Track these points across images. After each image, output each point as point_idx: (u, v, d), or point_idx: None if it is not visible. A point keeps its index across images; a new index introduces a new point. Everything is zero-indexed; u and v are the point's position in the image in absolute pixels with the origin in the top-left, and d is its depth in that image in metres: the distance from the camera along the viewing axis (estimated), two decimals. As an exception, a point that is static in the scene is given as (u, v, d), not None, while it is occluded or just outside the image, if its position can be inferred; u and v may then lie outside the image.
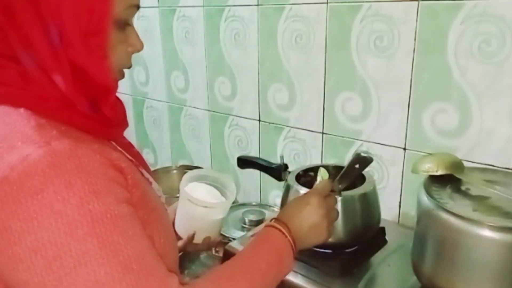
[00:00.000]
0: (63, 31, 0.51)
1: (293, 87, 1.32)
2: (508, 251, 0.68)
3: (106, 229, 0.48)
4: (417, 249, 0.83)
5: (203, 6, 1.47)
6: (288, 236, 0.69)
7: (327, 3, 1.18)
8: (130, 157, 0.66)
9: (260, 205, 1.45)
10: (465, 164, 0.86)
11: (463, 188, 0.80)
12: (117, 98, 0.64)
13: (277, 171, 1.05)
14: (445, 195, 0.77)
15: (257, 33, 1.36)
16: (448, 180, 0.81)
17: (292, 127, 1.36)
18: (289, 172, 1.04)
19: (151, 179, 0.69)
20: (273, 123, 1.41)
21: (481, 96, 0.99)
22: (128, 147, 0.70)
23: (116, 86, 0.60)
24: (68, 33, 0.51)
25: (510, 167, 0.98)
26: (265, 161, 1.09)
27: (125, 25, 0.58)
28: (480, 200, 0.76)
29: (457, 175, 0.81)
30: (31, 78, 0.52)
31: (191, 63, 1.59)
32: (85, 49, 0.52)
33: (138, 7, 0.59)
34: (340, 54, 1.19)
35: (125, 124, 0.67)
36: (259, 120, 1.44)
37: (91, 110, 0.56)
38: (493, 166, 0.99)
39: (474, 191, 0.79)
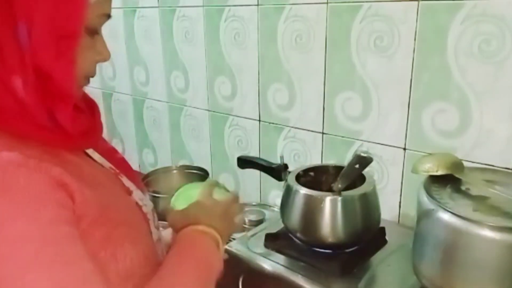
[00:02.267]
0: (34, 31, 0.49)
1: (293, 87, 1.32)
2: (508, 251, 0.68)
3: (41, 251, 0.46)
4: (417, 249, 0.83)
5: (203, 6, 1.47)
6: (213, 232, 0.67)
7: (327, 3, 1.18)
8: (109, 165, 0.65)
9: (260, 205, 1.45)
10: (465, 164, 0.86)
11: (463, 188, 0.80)
12: (84, 108, 0.61)
13: (277, 171, 1.05)
14: (445, 195, 0.77)
15: (257, 33, 1.36)
16: (448, 180, 0.81)
17: (292, 127, 1.36)
18: (289, 172, 1.04)
19: (132, 187, 0.67)
20: (273, 123, 1.41)
21: (481, 96, 0.99)
22: (110, 153, 0.68)
23: (77, 94, 0.59)
24: (40, 34, 0.50)
25: (510, 167, 0.98)
26: (265, 161, 1.09)
27: (94, 33, 0.57)
28: (480, 200, 0.76)
29: (457, 175, 0.81)
30: None
31: (191, 63, 1.59)
32: (55, 52, 0.51)
33: (109, 16, 0.58)
34: (340, 54, 1.19)
35: (97, 132, 0.64)
36: (259, 120, 1.44)
37: (48, 120, 0.54)
38: (493, 166, 0.99)
39: (474, 191, 0.79)
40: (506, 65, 0.94)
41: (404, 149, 1.13)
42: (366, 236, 0.98)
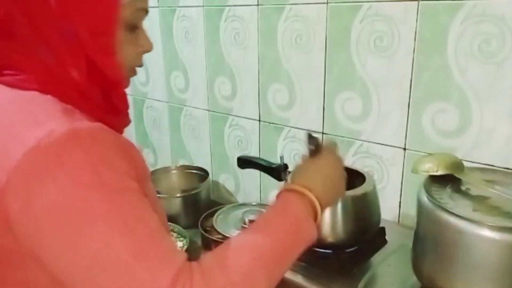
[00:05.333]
0: (78, 31, 0.57)
1: (293, 87, 1.32)
2: (508, 251, 0.68)
3: (116, 196, 0.52)
4: (417, 249, 0.83)
5: (203, 6, 1.47)
6: (310, 196, 0.66)
7: (327, 3, 1.18)
8: None
9: (260, 205, 1.45)
10: (465, 164, 0.85)
11: (463, 188, 0.80)
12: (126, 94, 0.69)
13: (277, 171, 1.05)
14: (445, 195, 0.77)
15: (257, 33, 1.36)
16: (448, 180, 0.81)
17: (292, 127, 1.36)
18: (289, 172, 1.04)
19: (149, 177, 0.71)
20: (273, 123, 1.41)
21: (481, 96, 0.99)
22: None
23: (126, 82, 0.67)
24: (83, 33, 0.57)
25: (510, 167, 0.98)
26: (265, 161, 1.09)
27: (134, 27, 0.63)
28: (480, 200, 0.76)
29: (457, 175, 0.81)
30: (52, 71, 0.58)
31: (191, 63, 1.59)
32: (97, 47, 0.58)
33: (146, 11, 0.64)
34: (340, 54, 1.19)
35: (128, 120, 0.71)
36: (259, 120, 1.44)
37: (103, 101, 0.63)
38: (493, 166, 0.99)
39: (474, 191, 0.79)
40: (506, 65, 0.94)
41: (404, 149, 1.13)
42: (366, 236, 0.98)
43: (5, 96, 0.57)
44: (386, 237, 1.05)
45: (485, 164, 1.00)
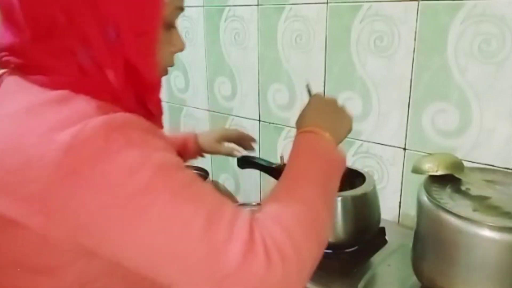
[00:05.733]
0: (120, 31, 0.56)
1: (293, 87, 1.32)
2: (508, 251, 0.68)
3: (169, 171, 0.52)
4: (417, 249, 0.83)
5: (203, 6, 1.47)
6: (324, 132, 0.69)
7: (327, 3, 1.18)
8: None
9: (260, 205, 1.45)
10: (465, 164, 0.85)
11: (463, 188, 0.80)
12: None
13: (277, 171, 1.05)
14: (445, 195, 0.77)
15: (257, 33, 1.36)
16: (448, 180, 0.81)
17: (292, 127, 1.36)
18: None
19: None
20: (273, 123, 1.41)
21: (481, 96, 0.99)
22: None
23: (161, 83, 0.65)
24: (125, 33, 0.56)
25: (510, 167, 0.98)
26: (265, 161, 1.09)
27: (170, 26, 0.63)
28: (480, 200, 0.76)
29: (457, 175, 0.81)
30: (86, 72, 0.57)
31: (191, 63, 1.59)
32: (138, 48, 0.57)
33: (182, 9, 0.64)
34: (340, 54, 1.19)
35: (161, 125, 0.69)
36: (259, 120, 1.44)
37: (136, 105, 0.61)
38: (493, 166, 0.99)
39: (474, 191, 0.79)
40: (506, 65, 0.94)
41: (404, 149, 1.13)
42: (366, 236, 0.98)
43: (36, 96, 0.54)
44: (386, 237, 1.05)
45: (485, 164, 1.00)
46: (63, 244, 0.52)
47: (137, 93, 0.60)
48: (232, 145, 1.12)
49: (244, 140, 1.12)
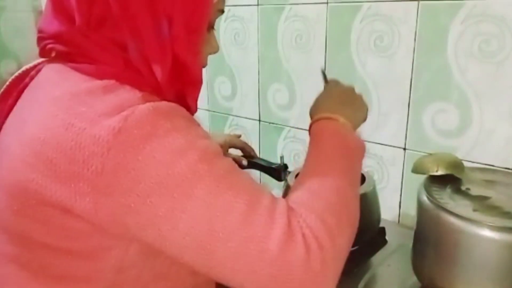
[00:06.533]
0: (172, 26, 0.56)
1: (293, 87, 1.32)
2: (508, 251, 0.68)
3: (212, 157, 0.53)
4: (417, 249, 0.82)
5: (203, 6, 1.47)
6: (340, 118, 0.69)
7: (327, 3, 1.18)
8: None
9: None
10: (465, 164, 0.85)
11: (463, 188, 0.80)
12: None
13: (277, 171, 1.05)
14: (445, 195, 0.77)
15: (257, 33, 1.36)
16: (448, 180, 0.81)
17: (292, 127, 1.36)
18: (289, 172, 1.04)
19: None
20: (273, 123, 1.41)
21: (481, 96, 0.99)
22: None
23: (202, 81, 0.67)
24: (177, 30, 0.57)
25: (510, 167, 0.98)
26: (265, 161, 1.09)
27: (211, 27, 0.65)
28: (480, 200, 0.76)
29: (457, 175, 0.81)
30: (132, 65, 0.57)
31: (191, 63, 1.59)
32: (187, 44, 0.58)
33: (223, 11, 0.66)
34: (340, 54, 1.19)
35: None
36: (259, 120, 1.44)
37: (175, 100, 0.61)
38: (493, 166, 0.99)
39: (474, 191, 0.79)
40: (506, 65, 0.94)
41: (404, 149, 1.13)
42: (366, 236, 0.98)
43: (81, 84, 0.55)
44: (386, 237, 1.05)
45: (485, 164, 1.00)
46: (109, 227, 0.53)
47: (179, 88, 0.61)
48: (237, 151, 1.12)
49: (248, 148, 1.11)
